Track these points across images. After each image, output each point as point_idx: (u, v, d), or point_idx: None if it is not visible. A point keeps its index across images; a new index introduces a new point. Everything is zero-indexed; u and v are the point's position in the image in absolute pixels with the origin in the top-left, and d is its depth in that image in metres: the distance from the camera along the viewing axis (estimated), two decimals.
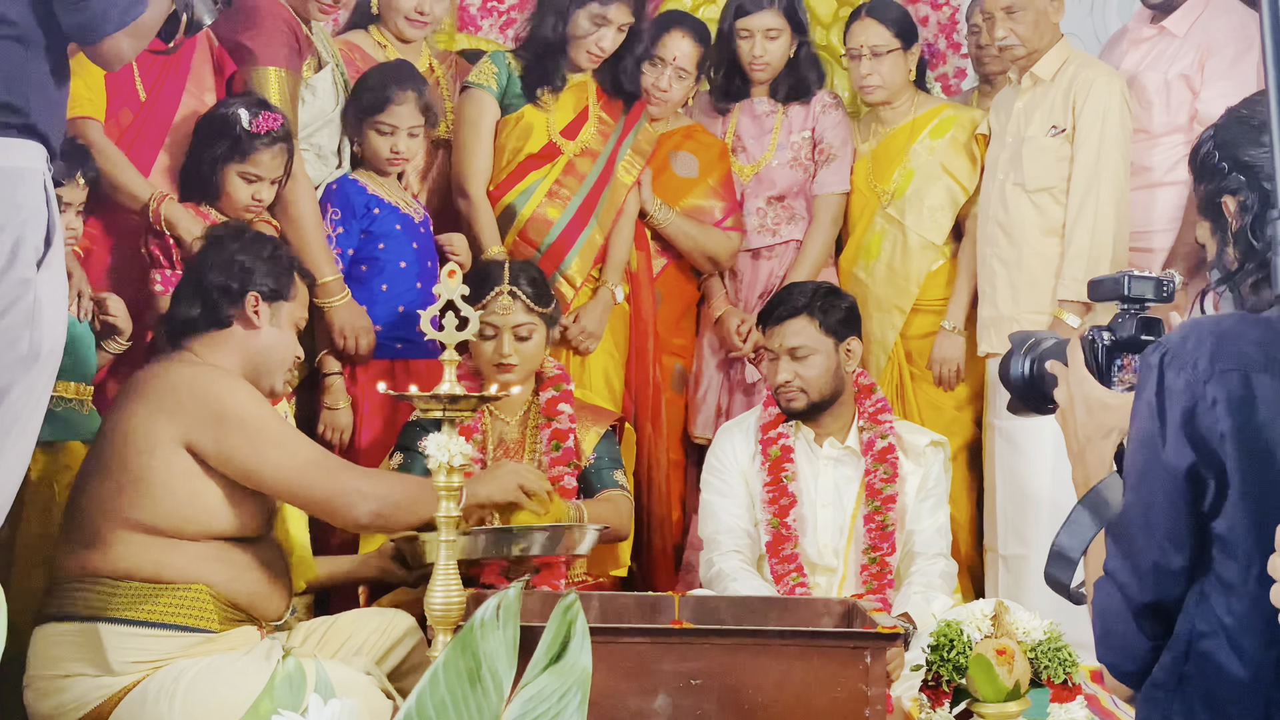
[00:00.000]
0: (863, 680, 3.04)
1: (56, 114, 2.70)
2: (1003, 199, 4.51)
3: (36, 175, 2.63)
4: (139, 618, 2.99)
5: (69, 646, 2.96)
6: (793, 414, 4.01)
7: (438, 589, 3.09)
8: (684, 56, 4.68)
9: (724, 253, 4.77)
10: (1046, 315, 4.40)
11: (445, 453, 3.03)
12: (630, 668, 3.01)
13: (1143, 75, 4.53)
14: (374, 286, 4.24)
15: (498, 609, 1.81)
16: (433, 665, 1.79)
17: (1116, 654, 1.90)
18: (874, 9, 4.68)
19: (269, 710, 1.86)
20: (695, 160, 4.80)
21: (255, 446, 3.05)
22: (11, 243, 2.57)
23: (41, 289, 2.62)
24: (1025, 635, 3.24)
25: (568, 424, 4.05)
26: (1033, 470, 4.38)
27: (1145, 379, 1.86)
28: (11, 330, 2.59)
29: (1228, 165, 2.04)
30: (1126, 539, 1.87)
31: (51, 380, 2.75)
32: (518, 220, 4.52)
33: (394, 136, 4.23)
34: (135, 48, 2.81)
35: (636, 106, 4.64)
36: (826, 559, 3.98)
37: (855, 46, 4.68)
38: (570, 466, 4.00)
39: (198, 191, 3.85)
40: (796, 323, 3.98)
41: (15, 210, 2.58)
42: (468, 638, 1.79)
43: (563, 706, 1.79)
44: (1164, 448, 1.81)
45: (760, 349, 4.08)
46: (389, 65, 4.36)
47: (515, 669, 1.79)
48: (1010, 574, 4.44)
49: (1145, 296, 2.13)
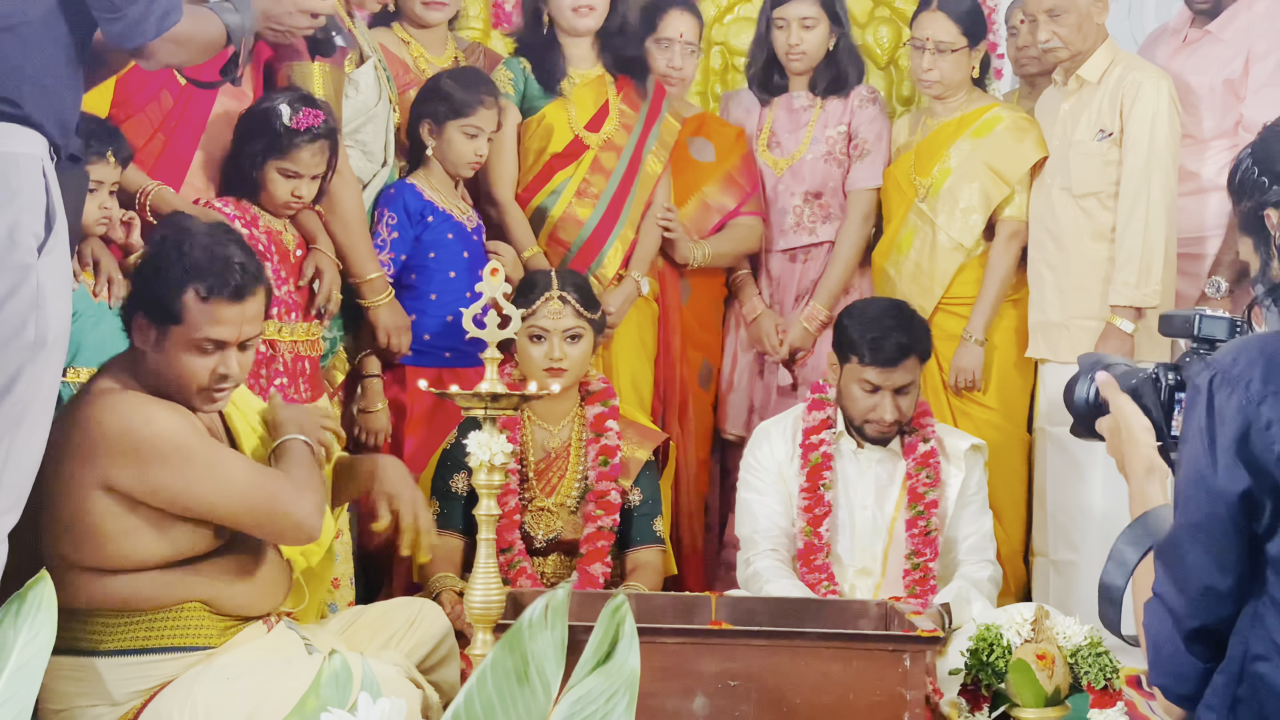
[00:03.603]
0: (901, 683, 3.03)
1: (57, 104, 2.70)
2: (1050, 204, 4.48)
3: (34, 160, 2.63)
4: (135, 646, 2.89)
5: (70, 681, 2.86)
6: (876, 442, 3.99)
7: (477, 587, 3.10)
8: (688, 31, 4.74)
9: (754, 245, 4.80)
10: (1096, 320, 4.37)
11: (486, 451, 3.04)
12: (668, 668, 3.01)
13: (1188, 79, 4.49)
14: (424, 295, 4.26)
15: (546, 610, 1.81)
16: (480, 665, 1.79)
17: (1167, 677, 1.88)
18: (944, 2, 4.60)
19: (316, 708, 1.86)
20: (711, 146, 4.82)
21: (182, 477, 2.83)
22: (8, 228, 2.57)
23: (44, 274, 2.62)
24: (1065, 640, 3.23)
25: (615, 440, 4.07)
26: (1083, 476, 4.35)
27: (1194, 401, 1.84)
28: (15, 317, 2.58)
29: (1268, 180, 2.03)
30: (1175, 562, 1.85)
31: (60, 367, 2.74)
32: (548, 221, 4.53)
33: (477, 140, 4.27)
34: (175, 54, 2.85)
35: (656, 96, 4.65)
36: (864, 562, 3.97)
37: (921, 38, 4.61)
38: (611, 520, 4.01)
39: (238, 187, 3.85)
40: (909, 362, 3.91)
41: (10, 195, 2.58)
42: (515, 638, 1.79)
43: (611, 708, 1.79)
44: (1215, 471, 1.79)
45: (860, 381, 3.96)
46: (467, 69, 4.42)
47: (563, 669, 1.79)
48: (1061, 579, 4.41)
49: (1216, 337, 2.06)
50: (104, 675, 2.86)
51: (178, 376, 2.88)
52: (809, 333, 4.67)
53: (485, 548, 3.09)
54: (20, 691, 1.77)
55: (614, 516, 4.01)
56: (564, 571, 4.02)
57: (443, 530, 3.95)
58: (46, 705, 2.86)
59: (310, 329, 3.91)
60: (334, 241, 4.02)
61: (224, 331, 2.87)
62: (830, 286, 4.70)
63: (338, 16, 3.34)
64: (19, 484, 2.67)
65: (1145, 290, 4.29)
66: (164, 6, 2.75)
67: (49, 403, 2.71)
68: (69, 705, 2.86)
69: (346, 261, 4.04)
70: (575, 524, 4.04)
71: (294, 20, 3.11)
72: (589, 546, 3.98)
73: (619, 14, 4.57)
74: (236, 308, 2.88)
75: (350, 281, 4.08)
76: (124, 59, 2.96)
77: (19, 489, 2.67)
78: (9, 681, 1.78)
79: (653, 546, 4.08)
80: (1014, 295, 4.62)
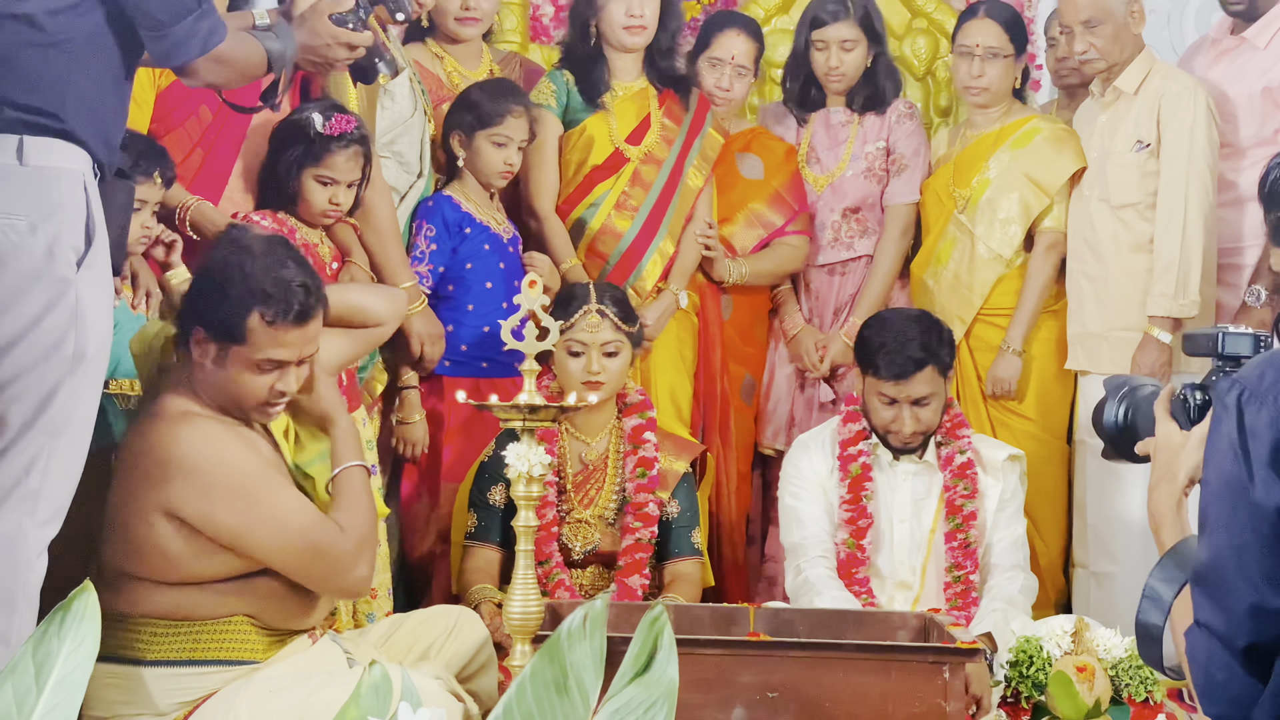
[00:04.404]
0: (941, 695, 3.02)
1: (101, 120, 2.74)
2: (1088, 215, 4.47)
3: (75, 176, 2.67)
4: (181, 658, 2.91)
5: (115, 690, 2.88)
6: (902, 451, 3.98)
7: (516, 598, 3.11)
8: (741, 54, 4.71)
9: (798, 265, 4.79)
10: (1135, 332, 4.35)
11: (525, 462, 3.05)
12: (707, 679, 3.00)
13: (1226, 88, 4.47)
14: (460, 306, 4.28)
15: (584, 620, 1.81)
16: (519, 675, 1.79)
17: (1221, 704, 1.84)
18: (992, 9, 4.61)
19: (357, 718, 1.87)
20: (760, 162, 4.81)
21: (241, 519, 2.86)
22: (48, 241, 2.61)
23: (84, 289, 2.66)
24: (1106, 652, 3.22)
25: (653, 452, 4.07)
26: (1123, 487, 4.33)
27: (1221, 418, 1.81)
28: (54, 331, 2.62)
29: None
30: (1217, 585, 1.82)
31: (100, 381, 2.77)
32: (587, 233, 4.54)
33: (507, 149, 4.29)
34: (217, 73, 2.89)
35: (700, 109, 4.64)
36: (903, 575, 3.95)
37: (968, 44, 4.60)
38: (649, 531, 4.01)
39: (275, 199, 3.87)
40: (924, 374, 3.89)
41: (51, 209, 2.62)
42: (554, 648, 1.79)
43: (649, 719, 1.79)
44: (1253, 486, 1.77)
45: (878, 394, 3.95)
46: (496, 80, 4.44)
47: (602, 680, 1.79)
48: (1101, 591, 4.39)
49: (1241, 354, 2.05)
50: (149, 685, 2.89)
51: (236, 392, 2.92)
52: (849, 348, 4.64)
53: (524, 559, 3.10)
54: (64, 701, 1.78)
55: (652, 528, 4.01)
56: (602, 584, 4.02)
57: (481, 542, 3.97)
58: (90, 712, 2.88)
59: None
60: (368, 252, 4.04)
61: (286, 353, 2.91)
62: (869, 301, 4.68)
63: (380, 42, 3.37)
64: (59, 496, 2.70)
65: (1183, 301, 4.28)
66: (209, 26, 2.80)
67: (89, 416, 2.74)
68: (113, 713, 2.89)
69: (380, 271, 4.06)
70: (613, 536, 4.05)
71: (333, 53, 3.14)
72: (627, 559, 3.98)
73: (668, 30, 4.58)
74: (299, 331, 2.91)
75: None
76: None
77: (59, 501, 2.70)
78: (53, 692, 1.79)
79: (691, 558, 4.07)
80: (1053, 306, 4.61)
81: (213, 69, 2.86)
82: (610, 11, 4.51)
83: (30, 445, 2.63)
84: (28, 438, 2.62)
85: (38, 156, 2.63)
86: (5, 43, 2.64)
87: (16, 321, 2.60)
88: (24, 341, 2.61)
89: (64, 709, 1.78)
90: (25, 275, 2.60)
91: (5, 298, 2.60)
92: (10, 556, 2.63)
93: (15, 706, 1.74)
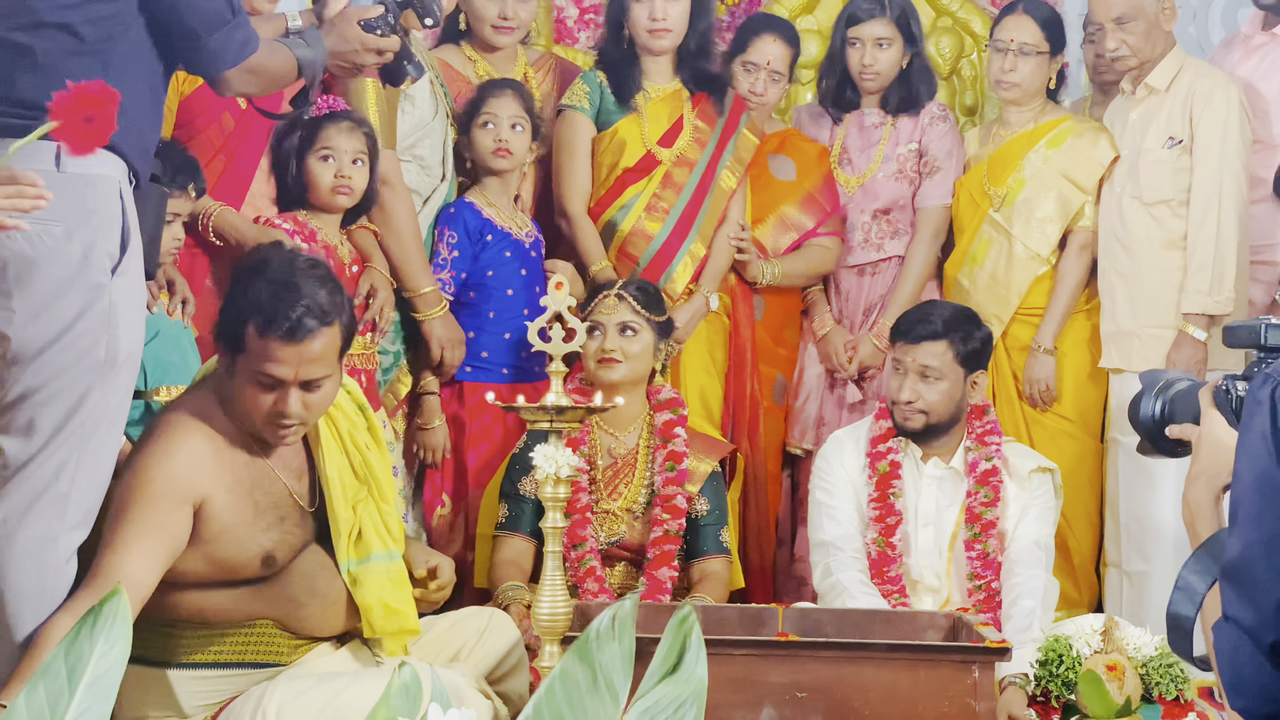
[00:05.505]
0: (971, 695, 3.02)
1: (136, 129, 2.75)
2: (1120, 213, 4.45)
3: (111, 183, 2.69)
4: (208, 660, 2.92)
5: (142, 690, 2.88)
6: (906, 432, 3.95)
7: (544, 599, 3.11)
8: (776, 59, 4.70)
9: (830, 266, 4.78)
10: (1169, 329, 4.34)
11: (553, 464, 3.06)
12: (736, 679, 3.01)
13: (1258, 84, 4.45)
14: (482, 313, 4.29)
15: (613, 620, 1.82)
16: (549, 675, 1.79)
17: (1250, 698, 1.83)
18: (1030, 6, 4.59)
19: (387, 718, 1.87)
20: (793, 163, 4.80)
21: (106, 531, 2.78)
22: (83, 247, 2.63)
23: (117, 294, 2.68)
24: (1136, 651, 3.20)
25: (683, 446, 4.08)
26: (1155, 486, 4.31)
27: (1254, 414, 1.80)
28: (87, 335, 2.64)
29: None
30: (1247, 580, 1.81)
31: (131, 386, 2.79)
32: (617, 235, 4.53)
33: (496, 128, 4.27)
34: (249, 83, 2.92)
35: (734, 111, 4.64)
36: (928, 579, 3.92)
37: (1004, 40, 4.58)
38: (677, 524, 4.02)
39: (290, 197, 3.91)
40: (936, 345, 3.89)
41: (87, 215, 2.64)
42: (584, 648, 1.79)
43: (679, 718, 1.79)
44: None
45: (892, 359, 4.00)
46: (484, 81, 4.44)
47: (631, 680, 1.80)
48: (1134, 589, 4.37)
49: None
50: (176, 687, 2.90)
51: (242, 404, 2.86)
52: (878, 350, 4.62)
53: (552, 560, 3.10)
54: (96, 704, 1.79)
55: (680, 521, 4.01)
56: (631, 582, 4.02)
57: (511, 532, 3.99)
58: (118, 712, 2.89)
59: (365, 344, 3.95)
60: (388, 256, 4.06)
61: (280, 370, 2.79)
62: (900, 303, 4.64)
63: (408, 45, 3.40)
64: (87, 501, 2.71)
65: (1218, 297, 4.26)
66: (242, 37, 2.84)
67: (118, 421, 2.75)
68: (140, 714, 2.90)
69: (400, 275, 4.08)
70: (640, 529, 4.05)
71: (361, 58, 3.16)
72: (655, 550, 3.99)
73: (698, 32, 4.55)
74: (292, 348, 2.78)
75: (404, 295, 4.12)
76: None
77: (88, 506, 2.72)
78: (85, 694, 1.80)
79: (719, 557, 4.07)
80: (1086, 305, 4.59)
81: (245, 79, 2.89)
82: (635, 15, 4.51)
83: (60, 450, 2.65)
84: (57, 442, 2.64)
85: (75, 163, 2.64)
86: (45, 50, 2.67)
87: (49, 327, 2.62)
88: (56, 346, 2.63)
89: (96, 711, 1.79)
90: (59, 280, 2.62)
91: (39, 303, 2.62)
92: (40, 561, 2.65)
93: (49, 708, 1.75)
